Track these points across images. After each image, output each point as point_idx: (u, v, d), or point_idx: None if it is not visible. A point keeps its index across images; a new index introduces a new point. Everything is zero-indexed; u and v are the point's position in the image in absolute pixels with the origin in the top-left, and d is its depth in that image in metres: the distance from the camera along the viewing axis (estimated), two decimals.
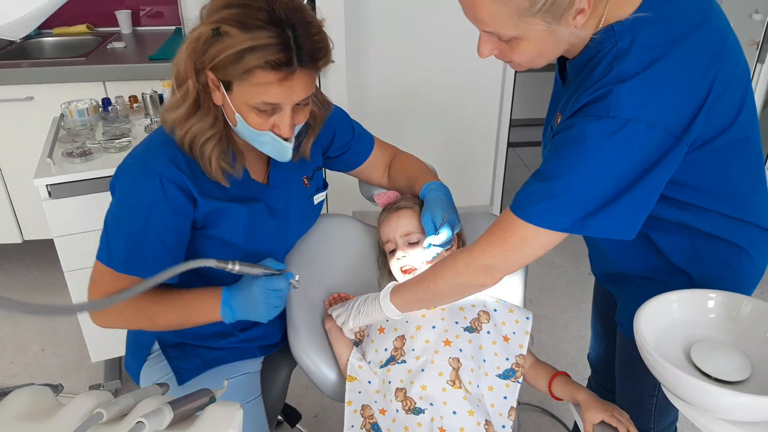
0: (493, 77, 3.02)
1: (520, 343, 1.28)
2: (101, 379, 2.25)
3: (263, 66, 1.01)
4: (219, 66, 1.03)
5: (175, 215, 1.14)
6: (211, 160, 1.15)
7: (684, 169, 1.00)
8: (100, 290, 1.15)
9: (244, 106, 1.08)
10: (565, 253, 2.96)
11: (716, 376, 0.97)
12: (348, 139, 1.44)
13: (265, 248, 1.30)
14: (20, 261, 2.99)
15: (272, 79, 1.03)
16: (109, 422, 0.60)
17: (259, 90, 1.05)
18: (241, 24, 1.00)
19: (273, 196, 1.29)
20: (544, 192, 0.99)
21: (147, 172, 1.12)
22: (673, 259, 1.16)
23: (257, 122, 1.10)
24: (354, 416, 1.23)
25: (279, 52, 1.01)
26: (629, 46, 0.94)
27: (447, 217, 1.30)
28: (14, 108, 2.47)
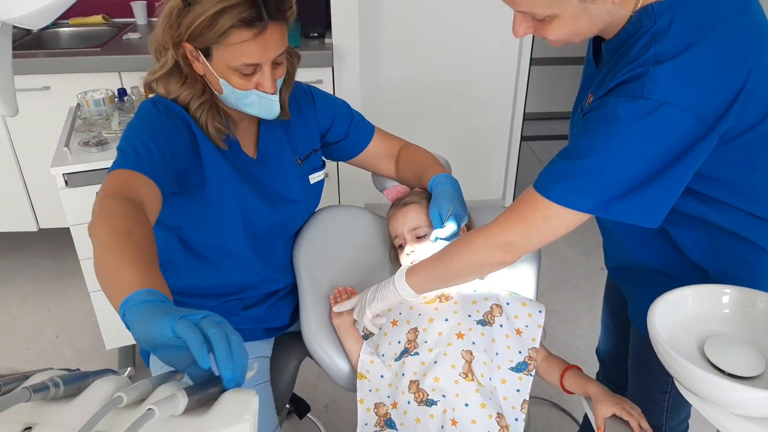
0: (507, 71, 3.01)
1: (533, 336, 1.28)
2: (115, 366, 2.27)
3: (237, 25, 1.07)
4: (195, 34, 1.09)
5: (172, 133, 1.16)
6: (207, 122, 1.21)
7: (712, 161, 0.98)
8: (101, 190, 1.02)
9: (225, 69, 1.13)
10: (576, 248, 2.95)
11: (730, 371, 0.97)
12: (346, 126, 1.46)
13: (258, 222, 1.31)
14: (36, 249, 3.02)
15: (248, 35, 1.08)
16: (128, 406, 0.61)
17: (238, 50, 1.10)
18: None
19: (261, 171, 1.32)
20: (569, 171, 0.98)
21: (152, 102, 1.20)
22: (691, 255, 1.15)
23: (241, 83, 1.15)
24: (367, 414, 1.23)
25: (249, 8, 1.06)
26: (668, 26, 0.92)
27: (452, 209, 1.29)
28: (31, 97, 2.49)
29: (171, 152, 1.14)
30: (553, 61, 4.20)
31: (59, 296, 2.70)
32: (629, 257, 1.28)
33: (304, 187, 1.40)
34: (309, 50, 2.57)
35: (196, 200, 1.23)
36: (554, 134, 4.13)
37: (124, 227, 0.93)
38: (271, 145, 1.34)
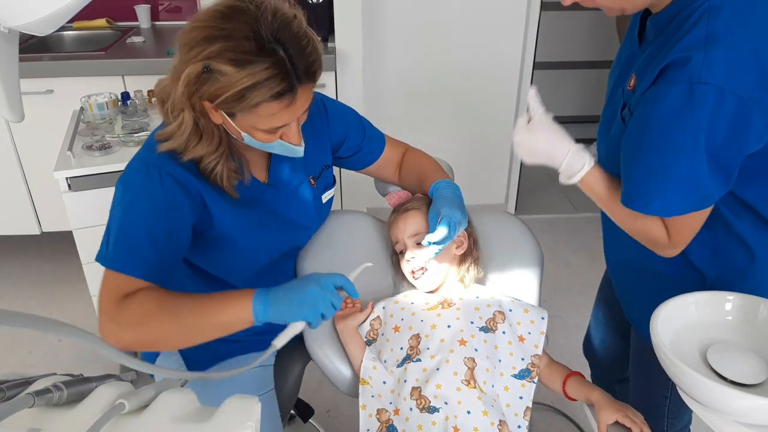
0: (511, 73, 3.01)
1: (536, 343, 1.28)
2: (117, 370, 2.27)
3: (268, 99, 1.01)
4: (219, 102, 1.01)
5: (172, 211, 1.11)
6: (222, 178, 1.14)
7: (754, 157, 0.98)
8: (104, 294, 1.09)
9: (250, 128, 1.08)
10: (579, 253, 2.94)
11: (733, 379, 0.96)
12: (359, 140, 1.43)
13: (269, 250, 1.30)
14: (38, 252, 3.03)
15: (278, 108, 1.03)
16: (130, 413, 0.61)
17: (267, 118, 1.05)
18: (233, 61, 0.97)
19: (271, 196, 1.27)
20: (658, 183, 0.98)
21: (146, 166, 1.11)
22: (692, 256, 1.14)
23: (266, 138, 1.10)
24: (369, 420, 1.23)
25: (281, 82, 1.00)
26: (721, 2, 0.90)
27: (443, 213, 1.26)
28: (35, 101, 2.49)
29: (170, 242, 1.11)
30: (555, 65, 4.21)
31: (61, 300, 2.70)
32: (628, 252, 1.26)
33: (317, 209, 1.38)
34: None
35: (206, 242, 1.20)
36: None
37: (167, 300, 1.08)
38: (283, 168, 1.29)
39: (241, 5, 1.00)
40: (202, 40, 0.98)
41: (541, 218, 3.31)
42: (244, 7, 1.00)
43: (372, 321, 1.34)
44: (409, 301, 1.35)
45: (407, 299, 1.36)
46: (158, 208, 1.10)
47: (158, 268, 1.10)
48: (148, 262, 1.09)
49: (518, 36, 2.92)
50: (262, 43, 0.98)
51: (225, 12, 1.00)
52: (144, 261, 1.09)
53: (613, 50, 4.02)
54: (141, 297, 1.06)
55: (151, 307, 1.06)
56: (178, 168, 1.11)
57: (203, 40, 0.98)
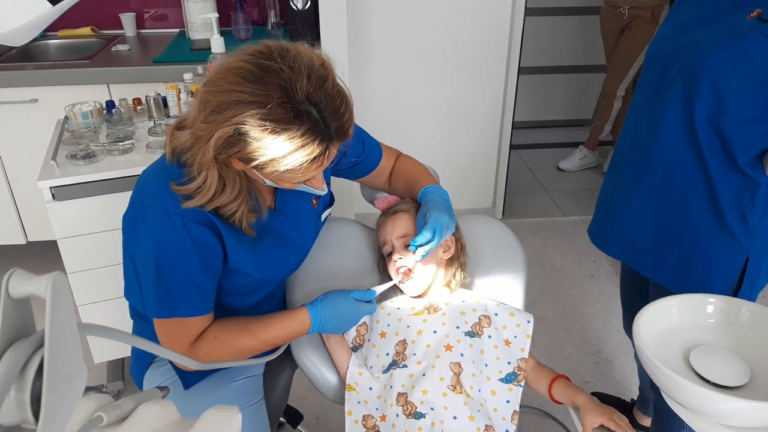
0: (496, 79, 3.03)
1: (522, 347, 1.28)
2: (104, 380, 2.26)
3: (306, 160, 0.99)
4: (251, 163, 0.99)
5: (201, 251, 1.10)
6: (242, 221, 1.13)
7: None
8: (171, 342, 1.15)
9: (276, 179, 1.06)
10: (566, 256, 2.95)
11: (716, 381, 0.97)
12: (358, 153, 1.42)
13: (279, 275, 1.31)
14: (24, 262, 3.00)
15: (311, 168, 1.01)
16: (108, 426, 0.60)
17: (298, 174, 1.02)
18: (268, 129, 0.95)
19: (278, 221, 1.26)
20: None
21: (167, 214, 1.07)
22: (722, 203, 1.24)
23: (291, 186, 1.10)
24: (355, 426, 1.23)
25: (317, 147, 0.98)
26: None
27: (429, 217, 1.27)
28: (19, 110, 2.48)
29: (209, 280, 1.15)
30: (541, 70, 4.23)
31: None
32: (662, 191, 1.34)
33: (317, 229, 1.39)
34: None
35: None
36: (543, 142, 4.15)
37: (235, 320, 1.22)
38: (288, 193, 1.26)
39: (274, 66, 0.96)
40: (234, 104, 0.95)
41: (529, 222, 3.32)
42: (277, 68, 0.96)
43: (358, 327, 1.34)
44: (395, 307, 1.35)
45: (393, 305, 1.36)
46: (189, 253, 1.10)
47: (204, 302, 1.16)
48: (194, 301, 1.14)
49: (503, 41, 2.94)
50: (296, 109, 0.95)
51: (256, 74, 0.96)
52: (189, 302, 1.13)
53: (599, 55, 4.06)
54: (210, 331, 1.18)
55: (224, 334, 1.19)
56: (198, 212, 1.09)
57: (234, 104, 0.95)
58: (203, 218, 1.10)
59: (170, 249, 1.09)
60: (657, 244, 1.39)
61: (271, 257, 1.25)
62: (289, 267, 1.33)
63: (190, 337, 1.16)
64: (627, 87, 3.44)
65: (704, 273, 1.32)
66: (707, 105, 1.20)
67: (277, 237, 1.25)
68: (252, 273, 1.21)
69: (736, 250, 1.28)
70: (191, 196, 1.07)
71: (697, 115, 1.21)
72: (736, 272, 1.30)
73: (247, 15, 2.85)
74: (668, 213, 1.34)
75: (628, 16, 3.28)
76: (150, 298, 1.12)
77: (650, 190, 1.36)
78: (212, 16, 2.16)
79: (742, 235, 1.27)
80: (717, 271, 1.31)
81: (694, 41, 1.23)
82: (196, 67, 2.19)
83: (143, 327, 1.34)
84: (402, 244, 1.34)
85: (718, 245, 1.30)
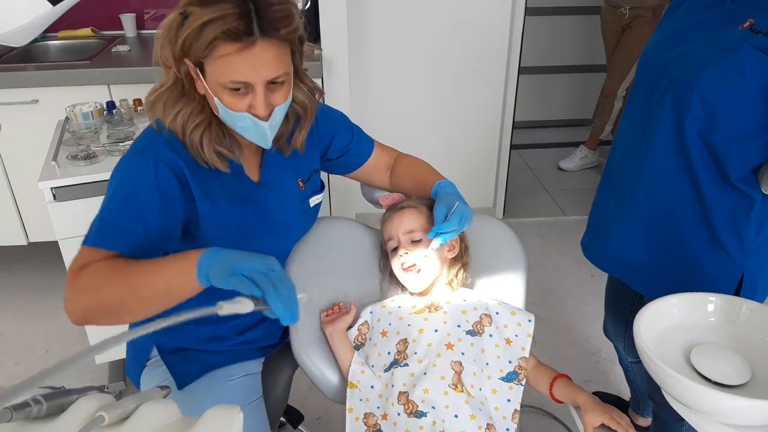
0: (496, 80, 3.03)
1: (523, 346, 1.28)
2: (105, 380, 2.26)
3: (222, 36, 1.01)
4: (187, 46, 1.04)
5: (161, 195, 1.11)
6: (203, 144, 1.14)
7: None
8: (70, 268, 1.06)
9: (217, 87, 1.07)
10: (567, 256, 2.95)
11: (716, 380, 0.97)
12: (347, 141, 1.43)
13: (258, 251, 1.28)
14: (25, 263, 3.01)
15: (232, 49, 1.02)
16: (110, 425, 0.60)
17: (224, 65, 1.04)
18: (204, 2, 1.01)
19: (264, 196, 1.27)
20: None
21: (142, 153, 1.13)
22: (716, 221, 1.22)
23: (232, 102, 1.08)
24: (356, 424, 1.23)
25: (237, 20, 1.00)
26: None
27: (457, 205, 1.26)
28: (19, 111, 2.48)
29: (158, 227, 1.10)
30: (541, 69, 4.23)
31: (49, 310, 2.68)
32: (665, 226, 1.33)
33: (305, 212, 1.38)
34: None
35: (193, 240, 1.19)
36: (544, 142, 4.15)
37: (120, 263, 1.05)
38: (274, 168, 1.29)
39: None
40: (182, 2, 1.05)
41: (530, 221, 3.32)
42: None
43: (360, 326, 1.35)
44: (396, 306, 1.35)
45: (394, 303, 1.36)
46: (150, 191, 1.10)
47: (144, 247, 1.08)
48: (134, 240, 1.07)
49: (503, 40, 2.94)
50: None
51: None
52: (128, 238, 1.08)
53: (599, 54, 4.06)
54: (97, 264, 1.04)
55: (105, 270, 1.04)
56: (174, 156, 1.12)
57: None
58: (176, 168, 1.12)
59: (132, 181, 1.11)
60: (651, 262, 1.37)
61: (248, 225, 1.24)
62: (267, 244, 1.30)
63: (83, 264, 1.05)
64: (628, 87, 3.44)
65: (699, 291, 1.30)
66: (698, 121, 1.17)
67: (257, 208, 1.26)
68: (226, 240, 1.17)
69: (731, 268, 1.27)
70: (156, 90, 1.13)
71: (688, 130, 1.19)
72: (731, 290, 1.28)
73: None
74: (661, 231, 1.33)
75: (629, 16, 3.28)
76: (95, 227, 1.09)
77: (642, 208, 1.34)
78: None
79: (737, 253, 1.25)
80: (712, 289, 1.28)
81: (685, 53, 1.21)
82: None
83: None
84: (409, 240, 1.34)
85: (712, 263, 1.28)
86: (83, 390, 0.67)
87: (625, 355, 1.80)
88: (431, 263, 1.33)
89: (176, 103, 1.13)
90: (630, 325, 1.41)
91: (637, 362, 1.76)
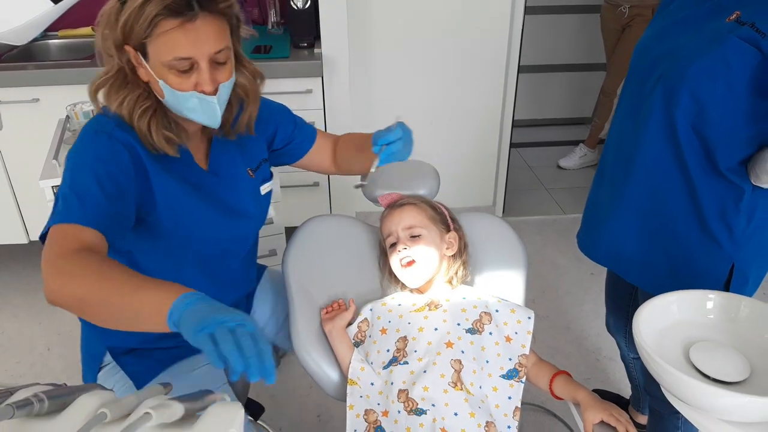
0: (496, 77, 3.03)
1: (523, 343, 1.29)
2: None
3: (163, 12, 1.03)
4: (128, 30, 1.05)
5: (117, 168, 1.10)
6: (151, 130, 1.14)
7: None
8: (49, 244, 1.02)
9: (161, 68, 1.08)
10: (567, 253, 2.96)
11: (715, 377, 0.97)
12: (291, 129, 1.45)
13: (209, 235, 1.28)
14: (26, 261, 3.01)
15: (174, 24, 1.04)
16: (112, 422, 0.61)
17: (167, 42, 1.05)
18: None
19: (214, 184, 1.28)
20: None
21: (95, 132, 1.13)
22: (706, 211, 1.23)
23: (178, 82, 1.10)
24: (357, 420, 1.23)
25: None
26: None
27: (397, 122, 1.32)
28: (20, 110, 2.48)
29: (119, 196, 1.08)
30: (541, 68, 4.23)
31: (50, 309, 2.68)
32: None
33: (256, 199, 1.39)
34: (298, 60, 2.58)
35: (147, 228, 1.19)
36: (543, 141, 4.15)
37: (98, 268, 0.97)
38: (222, 157, 1.31)
39: None
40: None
41: (530, 220, 3.32)
42: None
43: (359, 323, 1.35)
44: (397, 303, 1.36)
45: (394, 301, 1.37)
46: (108, 164, 1.10)
47: (109, 218, 1.06)
48: (99, 210, 1.05)
49: (503, 39, 2.94)
50: None
51: None
52: (94, 209, 1.05)
53: (599, 53, 4.05)
54: (87, 253, 1.00)
55: (91, 264, 0.98)
56: (126, 135, 1.13)
57: None
58: (128, 145, 1.13)
59: (89, 158, 1.11)
60: (642, 253, 1.38)
61: (201, 212, 1.25)
62: (221, 230, 1.31)
63: (69, 246, 1.00)
64: None
65: (690, 281, 1.31)
66: (688, 112, 1.18)
67: (208, 196, 1.27)
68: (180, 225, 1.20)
69: (722, 258, 1.27)
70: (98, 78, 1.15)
71: (679, 122, 1.20)
72: (722, 280, 1.28)
73: (248, 14, 2.85)
74: (652, 222, 1.34)
75: (628, 15, 3.28)
76: (60, 205, 1.06)
77: (634, 199, 1.35)
78: None
79: (727, 243, 1.25)
80: (703, 280, 1.30)
81: (674, 48, 1.22)
82: None
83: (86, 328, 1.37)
84: (408, 235, 1.35)
85: (702, 254, 1.29)
86: (85, 388, 0.67)
87: (627, 351, 1.80)
88: (429, 257, 1.33)
89: (120, 90, 1.14)
90: (630, 319, 1.42)
91: (639, 358, 1.76)
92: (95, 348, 1.36)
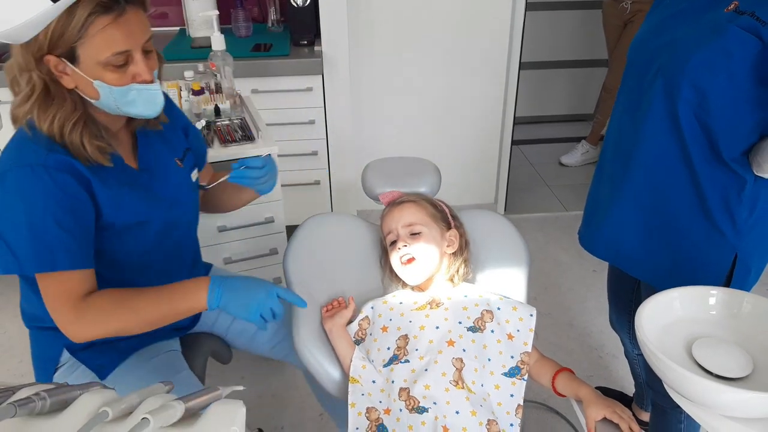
0: (497, 75, 3.02)
1: (525, 341, 1.28)
2: None
3: (96, 11, 1.04)
4: (55, 37, 1.05)
5: (69, 198, 1.12)
6: (83, 143, 1.14)
7: None
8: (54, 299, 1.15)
9: (96, 68, 1.09)
10: (569, 250, 2.95)
11: (718, 373, 0.97)
12: (196, 131, 1.50)
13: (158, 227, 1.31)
14: None
15: (108, 20, 1.06)
16: (114, 420, 0.61)
17: (103, 40, 1.06)
18: None
19: (148, 180, 1.30)
20: None
21: (30, 167, 1.10)
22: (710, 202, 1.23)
23: (116, 78, 1.11)
24: (358, 418, 1.23)
25: None
26: None
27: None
28: None
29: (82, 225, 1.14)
30: (542, 65, 4.22)
31: None
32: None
33: (190, 186, 1.41)
34: (299, 58, 2.58)
35: (104, 230, 1.21)
36: (545, 138, 4.14)
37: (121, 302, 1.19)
38: (149, 152, 1.32)
39: None
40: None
41: (532, 217, 3.32)
42: None
43: (360, 321, 1.35)
44: (398, 301, 1.36)
45: (395, 299, 1.37)
46: (58, 199, 1.11)
47: (82, 253, 1.15)
48: (72, 250, 1.12)
49: (504, 36, 2.93)
50: None
51: None
52: (67, 251, 1.12)
53: (601, 49, 4.04)
54: (98, 299, 1.16)
55: (110, 307, 1.18)
56: (61, 158, 1.12)
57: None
58: (67, 166, 1.13)
59: (38, 199, 1.10)
60: (644, 246, 1.38)
61: (143, 208, 1.27)
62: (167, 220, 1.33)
63: (75, 295, 1.14)
64: None
65: (693, 272, 1.31)
66: (691, 103, 1.18)
67: (147, 192, 1.28)
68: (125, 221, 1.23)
69: (725, 249, 1.27)
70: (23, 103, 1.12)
71: (682, 113, 1.20)
72: (724, 271, 1.28)
73: (248, 12, 2.85)
74: (654, 214, 1.33)
75: (630, 11, 3.27)
76: (28, 255, 1.11)
77: (634, 192, 1.35)
78: (212, 14, 2.15)
79: (730, 233, 1.25)
80: (706, 271, 1.30)
81: (673, 40, 1.22)
82: (196, 65, 2.19)
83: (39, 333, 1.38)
84: (408, 232, 1.35)
85: (705, 244, 1.28)
86: (86, 386, 0.67)
87: (631, 347, 1.80)
88: (429, 255, 1.33)
89: (48, 107, 1.12)
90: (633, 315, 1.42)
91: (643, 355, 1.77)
92: (50, 350, 1.37)
